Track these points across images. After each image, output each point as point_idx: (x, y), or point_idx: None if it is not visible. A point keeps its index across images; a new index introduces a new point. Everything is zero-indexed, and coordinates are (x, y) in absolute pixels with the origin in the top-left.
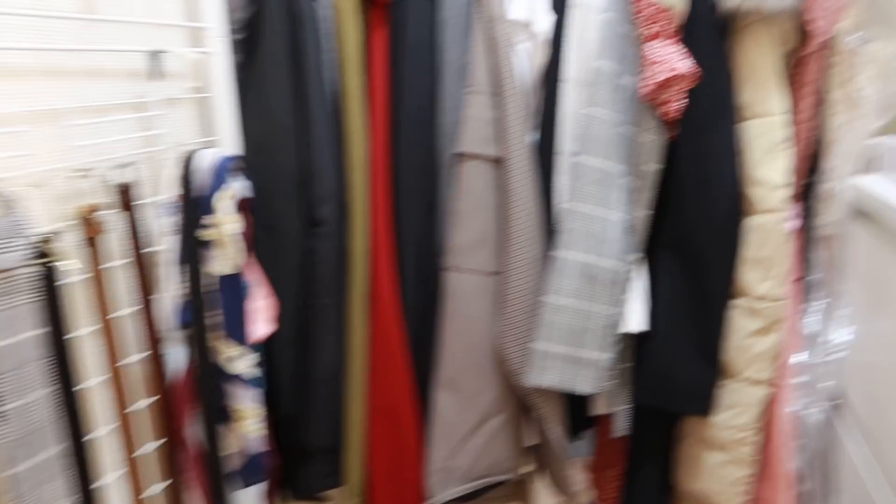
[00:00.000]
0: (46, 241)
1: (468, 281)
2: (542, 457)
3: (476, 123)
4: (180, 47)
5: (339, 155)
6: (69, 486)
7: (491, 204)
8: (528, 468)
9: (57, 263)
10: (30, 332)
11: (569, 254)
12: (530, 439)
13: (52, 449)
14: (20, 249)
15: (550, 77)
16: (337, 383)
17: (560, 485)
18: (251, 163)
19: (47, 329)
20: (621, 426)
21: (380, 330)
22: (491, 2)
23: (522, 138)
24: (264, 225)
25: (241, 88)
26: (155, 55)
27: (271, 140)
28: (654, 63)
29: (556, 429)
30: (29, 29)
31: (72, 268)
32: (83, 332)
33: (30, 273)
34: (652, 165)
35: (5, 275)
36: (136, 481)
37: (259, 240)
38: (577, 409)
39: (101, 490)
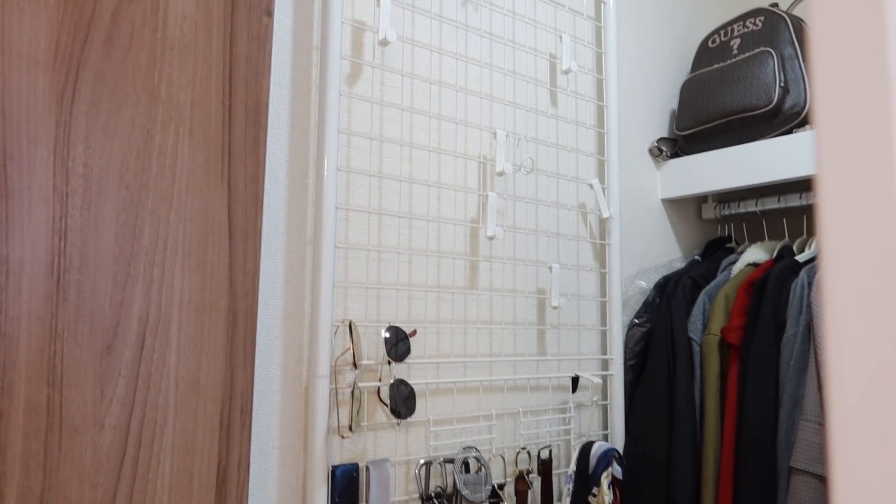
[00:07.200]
0: (499, 487)
1: None
2: None
3: (806, 445)
4: (593, 372)
5: (697, 454)
6: None
7: None
8: None
9: (502, 502)
10: None
11: None
12: None
13: None
14: (486, 491)
15: None
16: None
17: None
18: (630, 450)
19: None
20: None
21: None
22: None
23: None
24: (634, 501)
25: (629, 398)
26: (575, 379)
27: (648, 435)
28: None
29: None
30: (506, 364)
31: None
32: None
33: None
34: None
35: None
36: None
37: None
38: None
39: None
